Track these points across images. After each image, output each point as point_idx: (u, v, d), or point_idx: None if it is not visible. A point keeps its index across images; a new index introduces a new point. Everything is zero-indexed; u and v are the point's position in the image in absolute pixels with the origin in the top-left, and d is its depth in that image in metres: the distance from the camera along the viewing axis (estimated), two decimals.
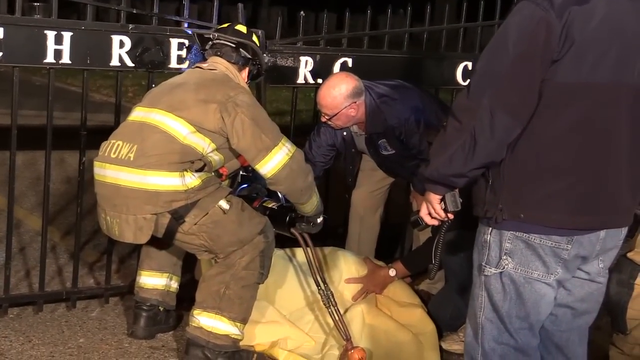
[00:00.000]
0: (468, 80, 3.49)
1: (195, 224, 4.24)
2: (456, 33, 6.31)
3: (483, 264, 3.18)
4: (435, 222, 3.31)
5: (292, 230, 4.65)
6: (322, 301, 4.64)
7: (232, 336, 4.39)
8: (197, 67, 4.60)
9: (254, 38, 4.70)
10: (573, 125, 2.92)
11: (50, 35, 4.62)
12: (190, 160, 4.26)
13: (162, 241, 4.58)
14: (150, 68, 4.89)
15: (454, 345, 4.94)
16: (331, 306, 4.59)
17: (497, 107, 2.86)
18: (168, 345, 4.71)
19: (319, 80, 5.51)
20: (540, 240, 3.04)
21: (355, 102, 5.09)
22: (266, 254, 4.46)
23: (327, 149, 5.49)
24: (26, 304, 5.01)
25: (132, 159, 4.21)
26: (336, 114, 5.10)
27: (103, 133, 4.44)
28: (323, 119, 5.21)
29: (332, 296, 4.62)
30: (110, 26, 4.91)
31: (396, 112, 5.18)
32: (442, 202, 3.21)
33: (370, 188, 5.83)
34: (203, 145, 4.29)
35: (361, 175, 5.81)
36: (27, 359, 4.42)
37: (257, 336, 4.67)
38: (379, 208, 5.90)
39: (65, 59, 4.69)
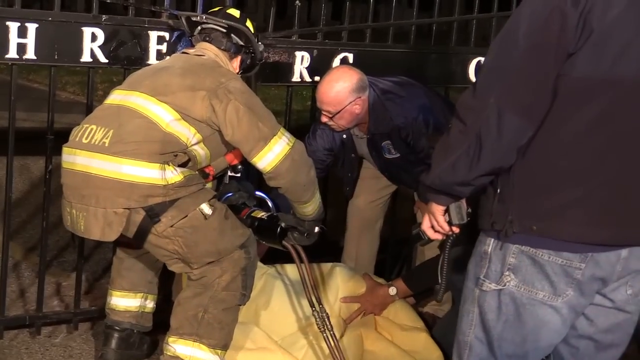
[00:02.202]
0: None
1: (172, 227, 4.18)
2: (468, 25, 6.35)
3: (481, 277, 3.09)
4: (439, 236, 3.24)
5: (284, 242, 4.57)
6: (317, 324, 4.58)
7: None
8: (183, 52, 4.61)
9: (248, 23, 4.70)
10: (592, 125, 2.82)
11: (13, 27, 4.57)
12: (173, 153, 4.22)
13: (133, 248, 4.60)
14: (126, 64, 4.84)
15: None
16: (326, 330, 4.55)
17: (506, 107, 2.79)
18: None
19: (317, 78, 5.49)
20: (549, 257, 2.92)
21: (360, 97, 5.09)
22: (248, 272, 4.43)
23: (324, 155, 5.49)
24: None
25: (107, 144, 4.15)
26: (339, 112, 5.09)
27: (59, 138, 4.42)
28: (324, 119, 5.19)
29: (328, 319, 4.57)
30: (80, 17, 4.88)
31: (403, 111, 5.19)
32: (447, 214, 3.14)
33: (369, 198, 5.84)
34: (188, 135, 4.25)
35: (360, 183, 5.82)
36: None
37: None
38: (378, 220, 5.92)
39: (30, 53, 4.64)
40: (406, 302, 5.18)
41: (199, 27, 4.61)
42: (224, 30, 4.58)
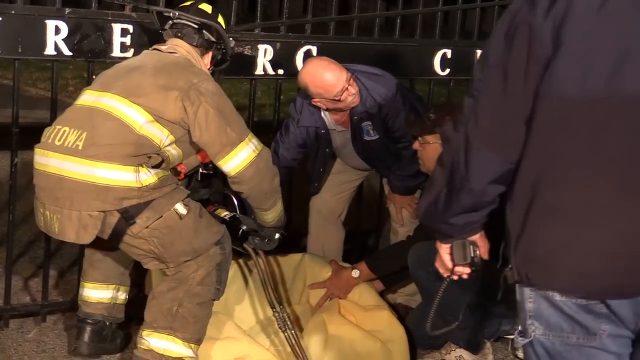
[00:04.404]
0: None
1: (147, 227, 4.20)
2: (434, 17, 6.34)
3: (517, 332, 2.75)
4: (454, 276, 2.95)
5: (245, 245, 4.63)
6: (278, 324, 4.66)
7: (186, 359, 4.38)
8: (154, 48, 4.58)
9: (220, 19, 4.69)
10: (574, 152, 2.45)
11: None
12: (147, 155, 4.23)
13: (106, 246, 4.57)
14: (90, 57, 4.84)
15: None
16: (287, 330, 4.61)
17: (474, 138, 2.57)
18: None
19: (280, 71, 5.56)
20: (562, 297, 2.55)
21: (351, 77, 5.22)
22: (223, 267, 4.46)
23: (297, 152, 5.57)
24: None
25: (80, 147, 4.16)
26: (344, 91, 5.19)
27: (39, 131, 4.39)
28: (328, 105, 5.30)
29: (289, 319, 4.64)
30: (44, 10, 4.86)
31: (382, 89, 5.36)
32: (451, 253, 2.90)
33: (334, 191, 5.94)
34: (161, 137, 4.26)
35: (326, 178, 5.92)
36: None
37: (214, 355, 4.67)
38: (342, 212, 6.02)
39: None
40: (369, 284, 5.23)
41: (170, 22, 4.59)
42: (196, 26, 4.57)
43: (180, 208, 4.26)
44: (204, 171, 4.77)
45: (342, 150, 5.67)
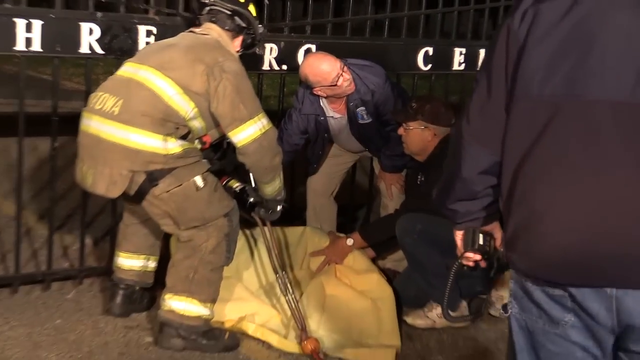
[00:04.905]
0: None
1: (167, 192, 4.23)
2: (418, 20, 6.31)
3: (502, 305, 2.68)
4: (470, 263, 2.72)
5: (252, 214, 4.65)
6: (280, 288, 4.68)
7: (204, 317, 4.44)
8: (190, 31, 4.57)
9: (251, 7, 4.66)
10: (536, 148, 2.30)
11: (20, 23, 4.56)
12: (175, 125, 4.23)
13: (139, 216, 4.64)
14: (119, 55, 4.81)
15: (417, 320, 5.01)
16: (288, 294, 4.63)
17: (466, 132, 2.51)
18: (142, 325, 4.71)
19: (284, 67, 5.56)
20: (533, 284, 2.40)
21: (345, 66, 5.25)
22: (231, 238, 4.49)
23: (299, 137, 5.58)
24: (2, 286, 5.00)
25: (116, 113, 4.18)
26: (339, 78, 5.22)
27: (74, 120, 4.41)
28: (327, 92, 5.33)
29: (290, 284, 4.67)
30: (79, 14, 4.86)
31: (373, 77, 5.40)
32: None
33: (329, 172, 5.94)
34: (187, 109, 4.25)
35: (323, 161, 5.91)
36: (5, 340, 4.40)
37: (227, 313, 4.73)
38: (335, 189, 6.02)
39: (36, 46, 4.64)
40: (362, 251, 5.24)
41: (207, 9, 4.57)
42: (229, 13, 4.55)
43: (198, 180, 4.28)
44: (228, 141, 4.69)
45: (339, 135, 5.66)
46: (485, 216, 2.64)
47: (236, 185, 4.63)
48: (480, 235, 2.64)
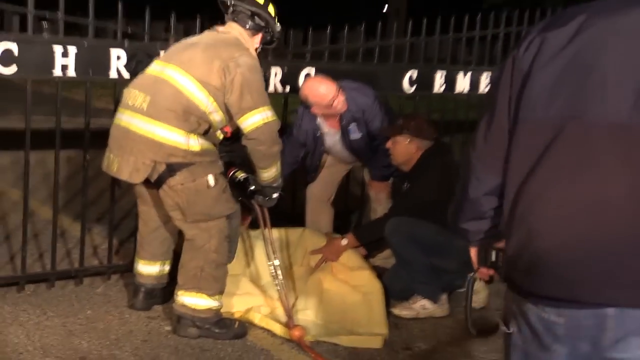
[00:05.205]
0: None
1: (182, 184, 4.21)
2: (404, 47, 6.33)
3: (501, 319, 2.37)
4: (485, 277, 2.53)
5: (252, 201, 4.60)
6: (271, 274, 4.67)
7: (213, 308, 4.43)
8: (214, 29, 4.53)
9: (270, 8, 4.61)
10: (536, 167, 2.12)
11: (58, 49, 4.60)
12: (197, 120, 4.21)
13: (154, 223, 4.60)
14: None
15: (403, 311, 5.00)
16: (277, 279, 4.62)
17: (472, 156, 2.35)
18: (162, 316, 4.71)
19: (287, 89, 5.57)
20: (531, 305, 2.17)
21: (339, 88, 5.25)
22: (232, 239, 4.50)
23: (299, 150, 5.56)
24: (40, 281, 5.00)
25: (145, 108, 4.18)
26: (334, 99, 5.22)
27: (103, 135, 4.42)
28: (323, 111, 5.32)
29: (280, 269, 4.65)
30: (109, 42, 4.88)
31: (362, 97, 5.40)
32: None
33: (325, 181, 5.92)
34: (206, 103, 4.23)
35: (320, 171, 5.90)
36: (43, 329, 4.40)
37: (236, 305, 4.73)
38: (331, 196, 5.99)
39: (71, 71, 4.66)
40: (355, 250, 5.20)
41: (231, 9, 4.52)
42: (249, 13, 4.50)
43: (210, 179, 4.25)
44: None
45: (333, 148, 5.66)
46: (496, 233, 2.44)
47: (241, 175, 4.54)
48: (493, 252, 2.44)
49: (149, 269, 4.75)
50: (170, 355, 4.25)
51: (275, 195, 4.64)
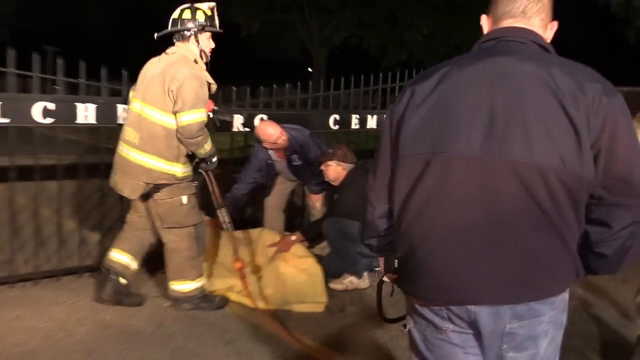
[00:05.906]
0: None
1: (162, 200, 4.11)
2: (329, 97, 6.34)
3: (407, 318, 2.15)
4: (390, 281, 2.23)
5: (199, 170, 4.29)
6: (220, 218, 4.40)
7: (198, 288, 4.39)
8: (165, 53, 4.14)
9: (198, 15, 4.11)
10: (408, 193, 2.00)
11: (80, 106, 4.58)
12: (177, 146, 3.99)
13: (140, 224, 4.37)
14: None
15: (337, 285, 5.01)
16: (225, 223, 4.42)
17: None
18: (163, 295, 4.59)
19: (247, 129, 5.51)
20: (418, 304, 2.06)
21: (282, 130, 5.22)
22: (199, 240, 4.38)
23: (255, 174, 5.50)
24: (70, 274, 4.92)
25: (137, 143, 4.03)
26: (278, 137, 5.19)
27: (108, 167, 4.38)
28: (272, 145, 5.26)
29: (227, 215, 4.43)
30: (116, 99, 4.79)
31: (300, 138, 5.35)
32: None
33: (277, 194, 5.87)
34: (174, 124, 4.01)
35: (273, 188, 5.86)
36: (76, 308, 4.37)
37: (215, 285, 4.67)
38: (282, 206, 5.93)
39: (91, 120, 4.64)
40: (301, 244, 5.17)
41: (174, 35, 4.13)
42: (185, 28, 4.10)
43: (184, 199, 4.14)
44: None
45: (281, 171, 5.62)
46: (395, 246, 2.16)
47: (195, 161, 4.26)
48: (395, 260, 2.14)
49: (119, 257, 4.36)
50: (172, 322, 4.23)
51: (214, 160, 4.25)
